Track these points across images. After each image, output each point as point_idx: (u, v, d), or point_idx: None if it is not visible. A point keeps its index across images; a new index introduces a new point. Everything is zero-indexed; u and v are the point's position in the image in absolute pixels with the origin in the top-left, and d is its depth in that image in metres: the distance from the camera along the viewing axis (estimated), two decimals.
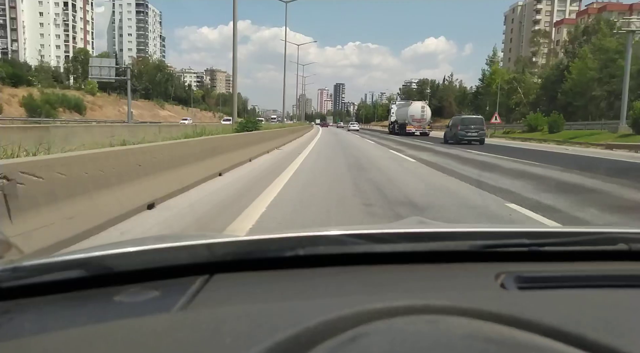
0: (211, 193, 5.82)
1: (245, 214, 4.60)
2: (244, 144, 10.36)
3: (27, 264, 0.69)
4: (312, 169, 9.48)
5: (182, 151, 6.06)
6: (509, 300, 0.64)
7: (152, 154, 4.94)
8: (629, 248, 0.86)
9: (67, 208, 3.25)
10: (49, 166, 3.16)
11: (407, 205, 5.31)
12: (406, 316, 0.53)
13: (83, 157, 3.68)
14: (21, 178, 2.82)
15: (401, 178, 8.20)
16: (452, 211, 5.10)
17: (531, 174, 9.39)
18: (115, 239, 3.33)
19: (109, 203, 3.80)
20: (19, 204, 2.76)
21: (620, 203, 6.05)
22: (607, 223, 4.80)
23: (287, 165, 9.73)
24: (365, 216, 4.69)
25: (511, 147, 21.45)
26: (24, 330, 0.58)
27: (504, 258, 0.83)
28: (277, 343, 0.47)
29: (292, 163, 10.37)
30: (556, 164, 11.64)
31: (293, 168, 9.26)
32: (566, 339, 0.49)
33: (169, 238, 0.87)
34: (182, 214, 4.51)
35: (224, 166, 7.84)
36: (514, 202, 5.59)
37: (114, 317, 0.61)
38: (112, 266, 0.71)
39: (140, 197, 4.40)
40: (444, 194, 6.40)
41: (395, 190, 6.59)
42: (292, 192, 6.19)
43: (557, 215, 4.96)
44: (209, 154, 7.30)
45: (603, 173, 9.92)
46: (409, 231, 0.91)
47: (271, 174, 8.16)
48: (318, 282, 0.73)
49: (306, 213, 4.84)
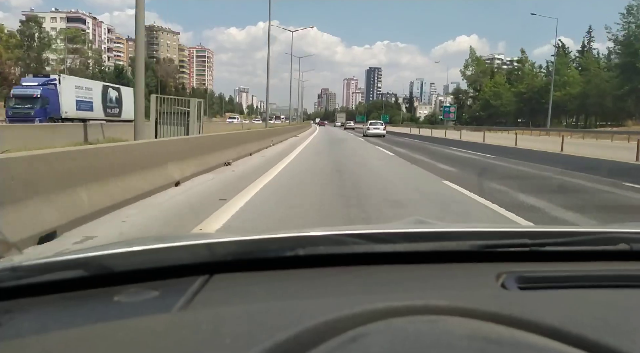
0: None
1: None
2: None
3: (26, 264, 0.69)
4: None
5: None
6: (510, 300, 0.64)
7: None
8: (630, 248, 0.85)
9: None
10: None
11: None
12: (406, 316, 0.53)
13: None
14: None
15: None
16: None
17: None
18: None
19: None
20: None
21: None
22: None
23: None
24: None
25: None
26: (24, 330, 0.57)
27: (505, 258, 0.82)
28: (277, 344, 0.47)
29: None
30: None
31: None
32: (566, 339, 0.49)
33: (169, 239, 0.87)
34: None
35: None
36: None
37: (113, 317, 0.61)
38: (112, 266, 0.71)
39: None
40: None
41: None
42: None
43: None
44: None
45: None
46: (409, 231, 0.91)
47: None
48: (318, 282, 0.73)
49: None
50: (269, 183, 6.95)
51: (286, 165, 9.82)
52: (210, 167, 7.93)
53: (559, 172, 9.61)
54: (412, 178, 8.49)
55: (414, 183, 7.68)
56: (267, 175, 7.86)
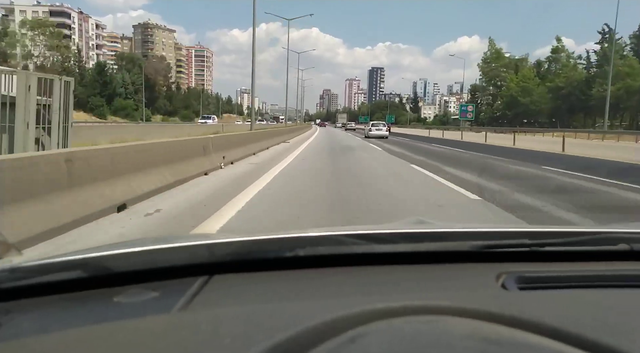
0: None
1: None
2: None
3: (26, 265, 0.69)
4: None
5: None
6: (510, 301, 0.65)
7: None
8: (630, 249, 0.86)
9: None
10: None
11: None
12: (406, 316, 0.53)
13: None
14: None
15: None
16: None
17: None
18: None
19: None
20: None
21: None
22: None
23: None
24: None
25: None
26: (24, 331, 0.58)
27: (505, 258, 0.82)
28: (276, 344, 0.47)
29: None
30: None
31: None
32: (566, 339, 0.49)
33: (168, 239, 0.86)
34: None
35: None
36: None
37: (113, 317, 0.61)
38: (112, 267, 0.71)
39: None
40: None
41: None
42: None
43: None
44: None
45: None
46: (409, 231, 0.91)
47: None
48: (318, 282, 0.74)
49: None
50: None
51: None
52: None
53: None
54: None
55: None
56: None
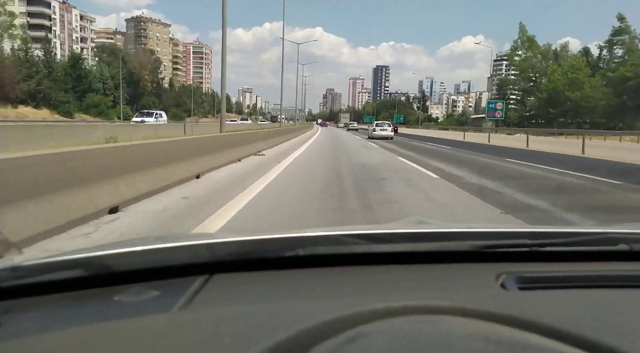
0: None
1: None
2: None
3: (27, 264, 0.69)
4: None
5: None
6: (510, 301, 0.65)
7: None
8: (630, 249, 0.86)
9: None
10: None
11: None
12: (406, 316, 0.53)
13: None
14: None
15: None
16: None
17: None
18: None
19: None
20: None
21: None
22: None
23: None
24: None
25: None
26: (25, 330, 0.58)
27: (505, 258, 0.82)
28: (276, 344, 0.47)
29: None
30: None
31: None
32: (566, 339, 0.49)
33: (169, 239, 0.86)
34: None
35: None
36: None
37: (114, 316, 0.61)
38: (113, 266, 0.71)
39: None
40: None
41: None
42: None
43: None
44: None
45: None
46: (409, 231, 0.91)
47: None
48: (318, 282, 0.74)
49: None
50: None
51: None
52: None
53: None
54: None
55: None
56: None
